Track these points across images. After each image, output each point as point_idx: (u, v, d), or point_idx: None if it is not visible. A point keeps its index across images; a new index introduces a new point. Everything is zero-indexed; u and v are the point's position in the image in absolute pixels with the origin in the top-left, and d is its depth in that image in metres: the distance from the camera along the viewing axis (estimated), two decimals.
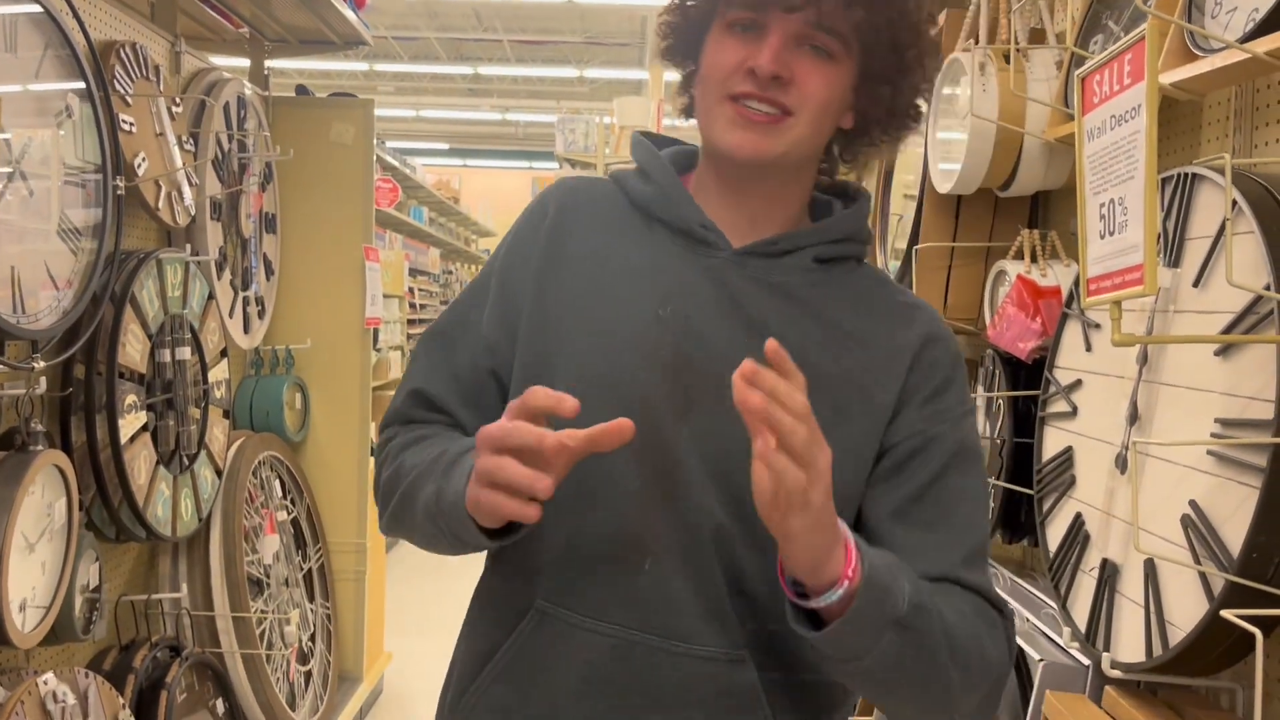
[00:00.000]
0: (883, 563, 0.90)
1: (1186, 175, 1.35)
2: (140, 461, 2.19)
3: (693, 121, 1.09)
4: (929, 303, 2.05)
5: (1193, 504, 1.27)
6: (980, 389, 2.09)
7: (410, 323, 9.08)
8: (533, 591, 1.03)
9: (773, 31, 0.97)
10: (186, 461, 2.45)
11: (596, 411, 0.95)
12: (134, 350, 2.19)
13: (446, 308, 1.15)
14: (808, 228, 1.08)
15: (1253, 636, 1.07)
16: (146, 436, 2.24)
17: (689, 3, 1.05)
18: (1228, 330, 1.24)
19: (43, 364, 1.83)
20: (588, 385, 0.98)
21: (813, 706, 1.04)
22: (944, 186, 1.99)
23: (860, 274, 1.10)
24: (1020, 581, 1.89)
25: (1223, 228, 1.26)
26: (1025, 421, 1.91)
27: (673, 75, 1.12)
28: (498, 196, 18.52)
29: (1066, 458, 1.65)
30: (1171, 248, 1.37)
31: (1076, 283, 1.70)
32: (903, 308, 1.08)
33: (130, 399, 2.16)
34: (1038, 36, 1.96)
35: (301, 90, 3.80)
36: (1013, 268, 1.90)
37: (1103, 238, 1.15)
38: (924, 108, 1.09)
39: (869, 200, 1.13)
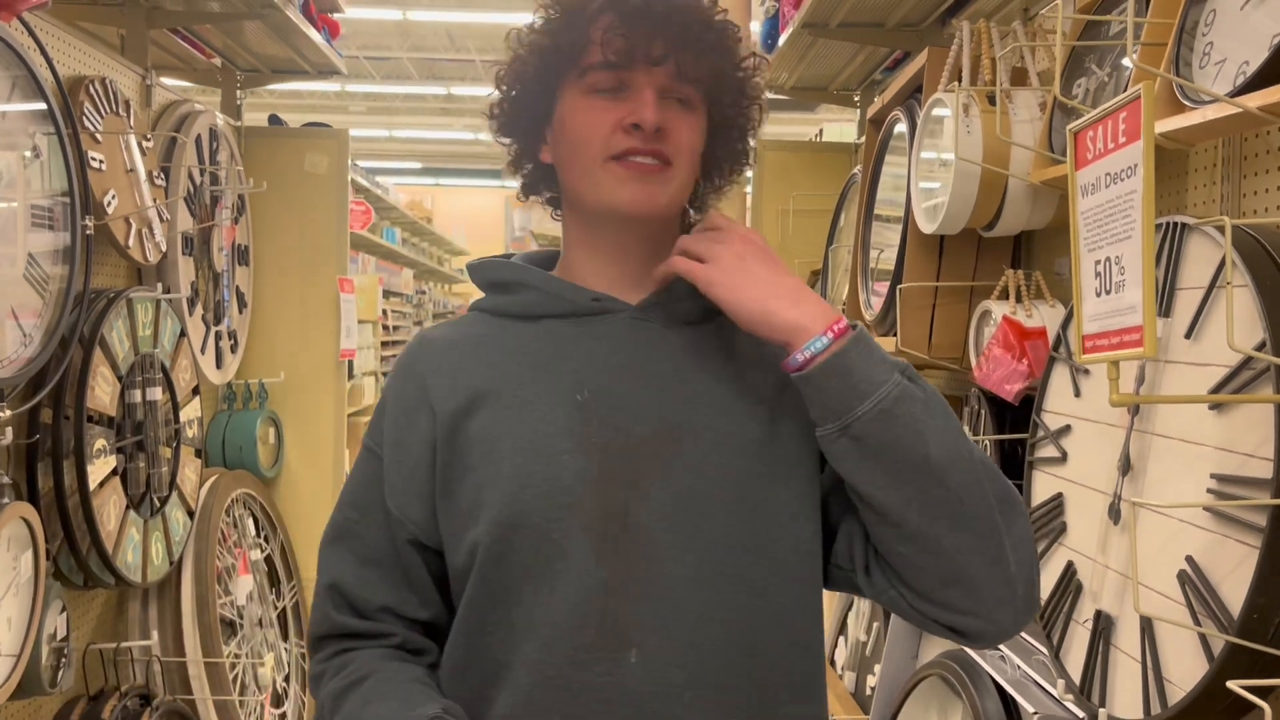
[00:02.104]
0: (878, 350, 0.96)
1: (1176, 225, 1.34)
2: (109, 507, 2.14)
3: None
4: (913, 339, 2.06)
5: (1189, 560, 1.25)
6: (966, 429, 2.07)
7: (384, 345, 9.01)
8: (508, 700, 0.98)
9: (644, 86, 0.99)
10: (157, 504, 2.39)
11: (547, 517, 0.96)
12: (103, 393, 2.14)
13: (335, 508, 1.10)
14: None
15: (1251, 699, 1.05)
16: (116, 480, 2.18)
17: (528, 76, 1.03)
18: (1222, 384, 1.22)
19: (8, 412, 1.78)
20: (531, 497, 0.96)
21: None
22: (928, 226, 1.98)
23: None
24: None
25: (1215, 282, 1.25)
26: (1011, 462, 1.90)
27: None
28: (471, 216, 18.49)
29: (1057, 504, 1.63)
30: (1162, 297, 1.36)
31: (1064, 325, 1.69)
32: None
33: (99, 443, 2.11)
34: (1019, 76, 1.96)
35: (274, 120, 3.76)
36: (998, 308, 1.89)
37: (1099, 295, 1.13)
38: (751, 151, 1.14)
39: None
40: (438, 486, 1.02)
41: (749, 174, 3.55)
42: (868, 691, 2.49)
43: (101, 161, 2.19)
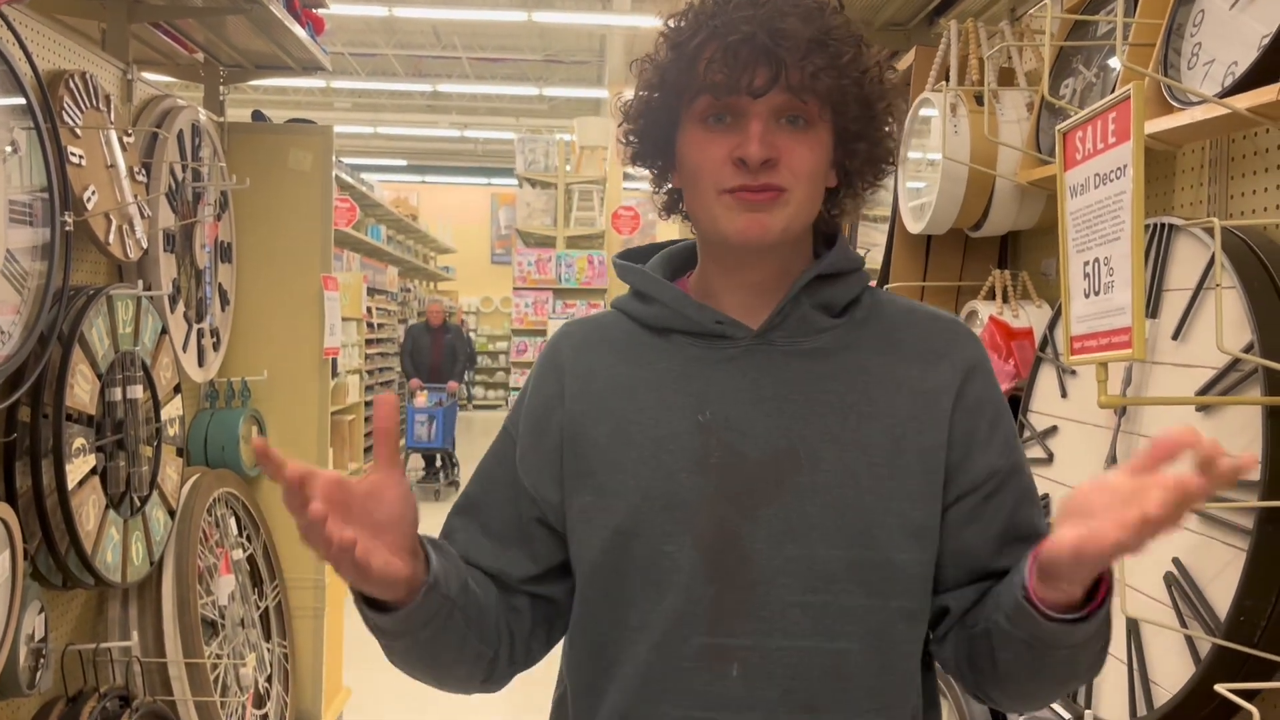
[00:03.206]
0: None
1: (1164, 226, 1.34)
2: (88, 507, 2.11)
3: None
4: None
5: (1176, 562, 1.25)
6: None
7: (369, 342, 8.99)
8: (618, 693, 1.02)
9: (753, 118, 0.97)
10: (138, 503, 2.36)
11: (663, 531, 0.99)
12: (83, 391, 2.11)
13: (472, 478, 1.15)
14: (797, 283, 1.06)
15: (1238, 702, 1.05)
16: (95, 480, 2.16)
17: (653, 105, 1.04)
18: (1209, 386, 1.22)
19: None
20: (649, 509, 0.99)
21: None
22: (915, 227, 1.97)
23: (880, 311, 1.09)
24: None
25: (1202, 284, 1.25)
26: None
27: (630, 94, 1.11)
28: (456, 213, 18.45)
29: (1043, 505, 1.63)
30: (1149, 299, 1.36)
31: (1050, 326, 1.69)
32: (929, 338, 1.07)
33: (79, 442, 2.08)
34: (1006, 76, 1.96)
35: (258, 116, 3.73)
36: (984, 308, 1.89)
37: (1087, 296, 1.13)
38: (896, 148, 1.12)
39: (840, 233, 1.14)
40: (565, 479, 1.06)
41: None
42: None
43: (81, 157, 2.16)
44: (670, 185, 1.09)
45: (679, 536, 0.99)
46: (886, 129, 1.06)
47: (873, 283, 1.13)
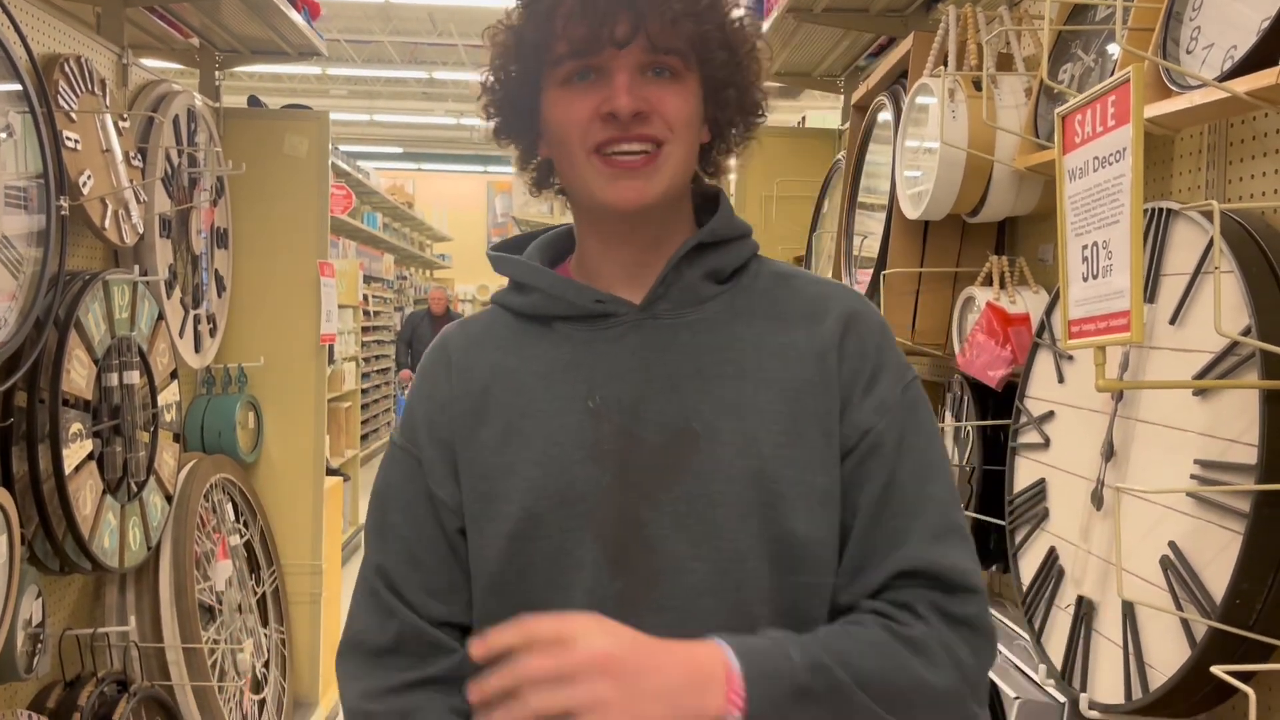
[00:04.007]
0: (762, 646, 0.88)
1: (1161, 210, 1.34)
2: (85, 492, 2.11)
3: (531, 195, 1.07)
4: (897, 325, 2.05)
5: (1172, 545, 1.25)
6: (949, 416, 2.07)
7: (365, 330, 8.96)
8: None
9: (617, 70, 0.94)
10: (135, 489, 2.36)
11: (561, 528, 0.94)
12: (79, 376, 2.11)
13: (373, 511, 1.06)
14: (677, 253, 1.01)
15: (1234, 684, 1.06)
16: (92, 465, 2.16)
17: (511, 74, 1.01)
18: (1206, 370, 1.23)
19: None
20: (542, 505, 0.95)
21: None
22: (913, 213, 1.97)
23: (764, 277, 1.05)
24: (990, 610, 1.88)
25: (1200, 268, 1.25)
26: (994, 448, 1.90)
27: None
28: (452, 201, 18.40)
29: (1039, 490, 1.63)
30: (1147, 284, 1.36)
31: (1047, 311, 1.69)
32: (812, 302, 1.03)
33: (75, 427, 2.08)
34: (1005, 61, 1.95)
35: (254, 101, 3.71)
36: (981, 294, 1.89)
37: (1085, 280, 1.13)
38: (765, 99, 1.08)
39: (725, 196, 1.09)
40: (460, 481, 1.01)
41: (732, 160, 3.54)
42: None
43: (77, 141, 2.15)
44: (539, 157, 1.04)
45: (578, 532, 0.95)
46: (752, 75, 1.03)
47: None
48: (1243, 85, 1.15)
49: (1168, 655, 1.23)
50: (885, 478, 0.96)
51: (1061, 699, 1.49)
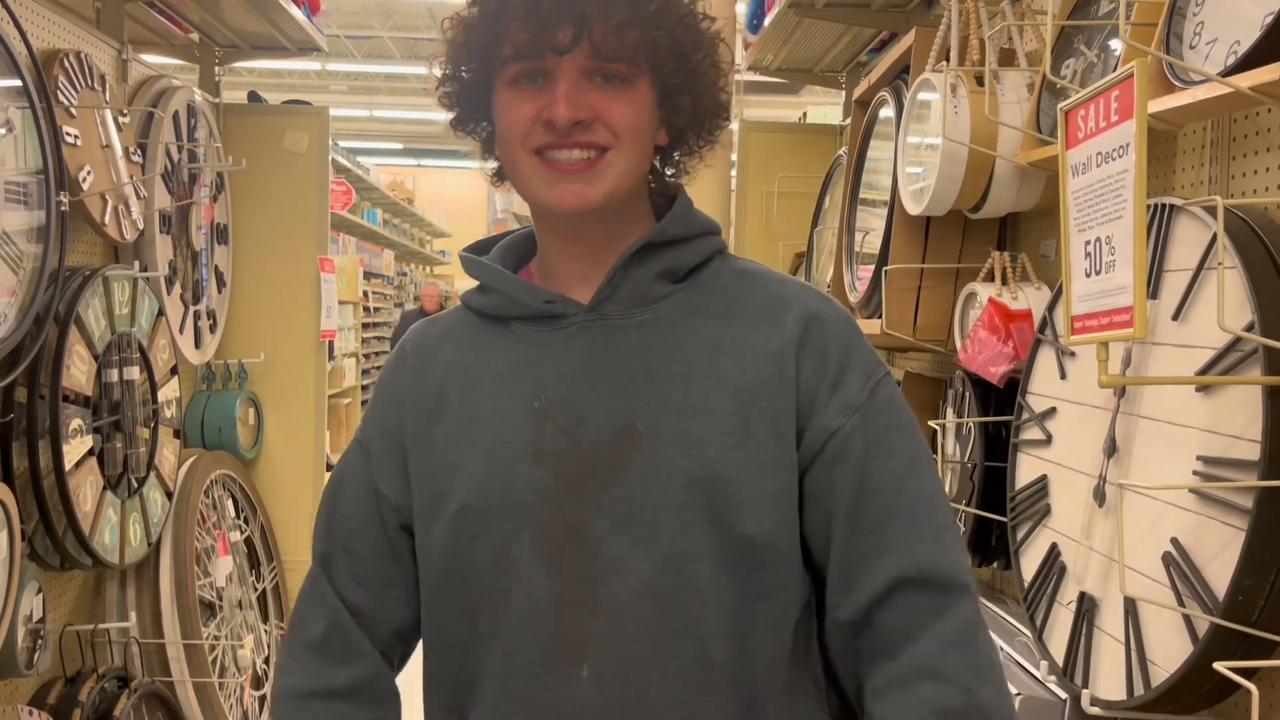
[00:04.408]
0: None
1: (1164, 206, 1.34)
2: (86, 488, 2.11)
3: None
4: (899, 322, 2.05)
5: (1174, 541, 1.25)
6: (950, 412, 2.07)
7: (365, 326, 8.95)
8: (480, 713, 0.97)
9: (560, 76, 0.93)
10: (135, 485, 2.36)
11: (501, 529, 0.94)
12: (79, 372, 2.11)
13: (325, 495, 1.09)
14: (624, 254, 1.00)
15: (1237, 680, 1.06)
16: (92, 461, 2.15)
17: (463, 73, 1.00)
18: (1209, 366, 1.22)
19: None
20: (483, 504, 0.95)
21: None
22: (915, 209, 1.97)
23: (724, 275, 1.03)
24: (992, 606, 1.88)
25: (1203, 264, 1.25)
26: (996, 444, 1.90)
27: None
28: (453, 197, 18.37)
29: (1041, 486, 1.63)
30: (1150, 280, 1.35)
31: (1050, 307, 1.69)
32: (771, 301, 1.00)
33: (75, 423, 2.08)
34: (1007, 57, 1.95)
35: (254, 97, 3.71)
36: (983, 290, 1.88)
37: (1088, 275, 1.13)
38: (729, 102, 1.06)
39: (685, 196, 1.07)
40: (411, 478, 1.02)
41: (733, 157, 3.54)
42: None
43: (76, 137, 2.15)
44: (494, 155, 1.05)
45: (517, 533, 0.94)
46: (709, 80, 1.01)
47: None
48: (1246, 80, 1.14)
49: (1170, 652, 1.23)
50: (858, 480, 0.95)
51: (1063, 695, 1.49)
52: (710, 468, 0.93)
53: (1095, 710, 1.36)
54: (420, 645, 1.07)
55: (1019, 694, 1.51)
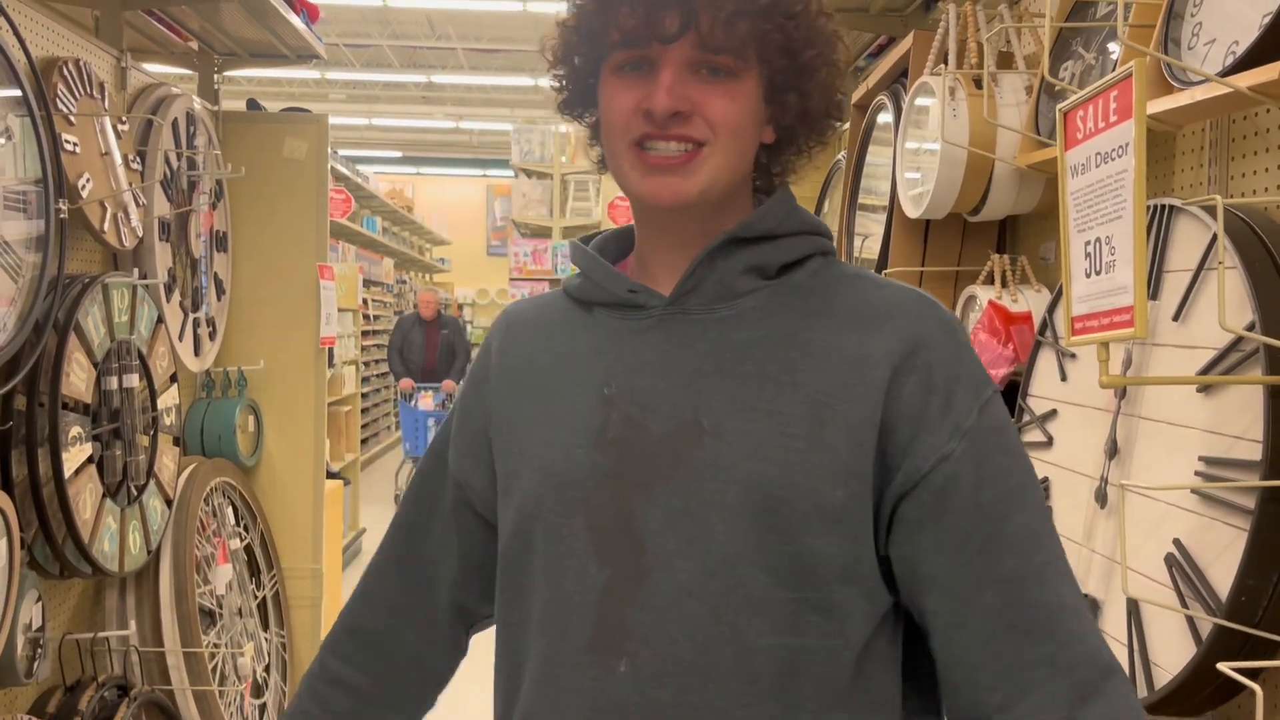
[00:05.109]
0: None
1: (1163, 207, 1.34)
2: (85, 495, 2.10)
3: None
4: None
5: (1176, 543, 1.25)
6: None
7: (365, 334, 8.95)
8: (527, 694, 0.97)
9: (663, 66, 0.91)
10: (135, 492, 2.36)
11: (558, 512, 0.95)
12: (78, 380, 2.10)
13: (434, 439, 1.15)
14: (708, 247, 0.97)
15: (1241, 681, 1.05)
16: (92, 468, 2.15)
17: (575, 59, 0.99)
18: (1210, 366, 1.22)
19: None
20: (546, 490, 0.96)
21: None
22: (914, 212, 1.97)
23: (823, 276, 0.98)
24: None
25: (1203, 264, 1.25)
26: None
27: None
28: (452, 205, 18.41)
29: (1043, 488, 1.63)
30: (1150, 280, 1.35)
31: (1049, 309, 1.69)
32: (869, 305, 0.95)
33: (75, 430, 2.08)
34: (1005, 60, 1.95)
35: (253, 104, 3.71)
36: (983, 293, 1.88)
37: (1088, 276, 1.13)
38: (843, 103, 1.03)
39: (786, 192, 1.03)
40: (493, 462, 1.04)
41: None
42: None
43: (75, 145, 2.15)
44: (599, 144, 1.03)
45: (573, 518, 0.93)
46: (822, 79, 0.97)
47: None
48: (1245, 80, 1.15)
49: (1173, 653, 1.23)
50: (974, 528, 0.88)
51: None
52: (772, 472, 0.89)
53: None
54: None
55: None
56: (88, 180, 2.18)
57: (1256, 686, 1.01)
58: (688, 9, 0.89)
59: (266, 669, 3.10)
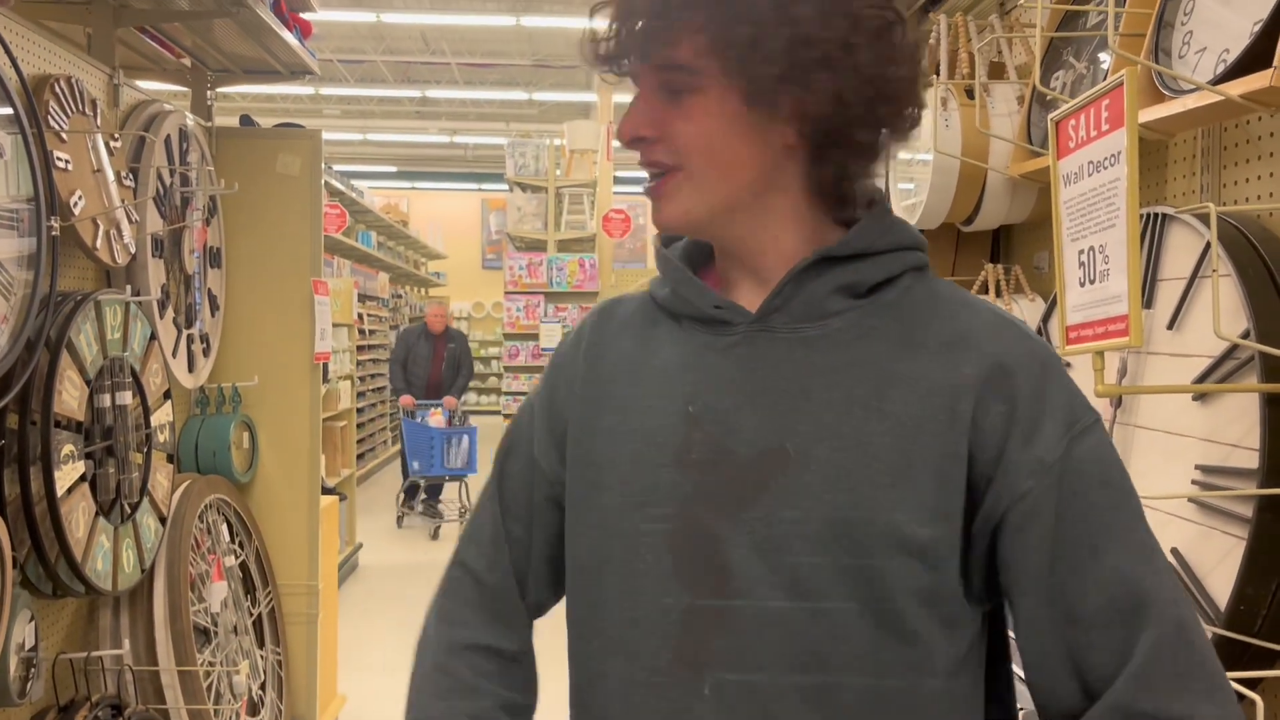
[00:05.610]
0: None
1: (1156, 215, 1.34)
2: (78, 514, 2.09)
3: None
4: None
5: (1175, 552, 1.24)
6: None
7: (360, 349, 8.93)
8: (601, 706, 0.95)
9: (639, 88, 0.90)
10: (128, 510, 2.34)
11: (638, 530, 0.92)
12: (71, 397, 2.10)
13: (500, 446, 1.10)
14: (798, 265, 0.92)
15: (1241, 691, 1.04)
16: (85, 487, 2.14)
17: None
18: (1205, 375, 1.22)
19: None
20: (627, 508, 0.93)
21: None
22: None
23: (915, 295, 0.92)
24: None
25: (1197, 272, 1.24)
26: None
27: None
28: (447, 218, 18.43)
29: None
30: (1144, 289, 1.35)
31: (1044, 319, 1.68)
32: (956, 328, 0.90)
33: (67, 449, 2.07)
34: (997, 70, 1.95)
35: (246, 120, 3.71)
36: None
37: (1082, 285, 1.12)
38: (894, 80, 0.87)
39: (883, 205, 0.95)
40: (569, 457, 1.00)
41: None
42: None
43: (67, 162, 2.14)
44: None
45: (653, 537, 0.91)
46: (847, 64, 0.84)
47: None
48: (1236, 88, 1.15)
49: None
50: (1056, 592, 0.85)
51: None
52: (857, 505, 0.86)
53: None
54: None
55: (1023, 709, 1.50)
56: (80, 197, 2.17)
57: (1256, 696, 1.00)
58: (627, 28, 0.87)
59: (262, 686, 3.08)
